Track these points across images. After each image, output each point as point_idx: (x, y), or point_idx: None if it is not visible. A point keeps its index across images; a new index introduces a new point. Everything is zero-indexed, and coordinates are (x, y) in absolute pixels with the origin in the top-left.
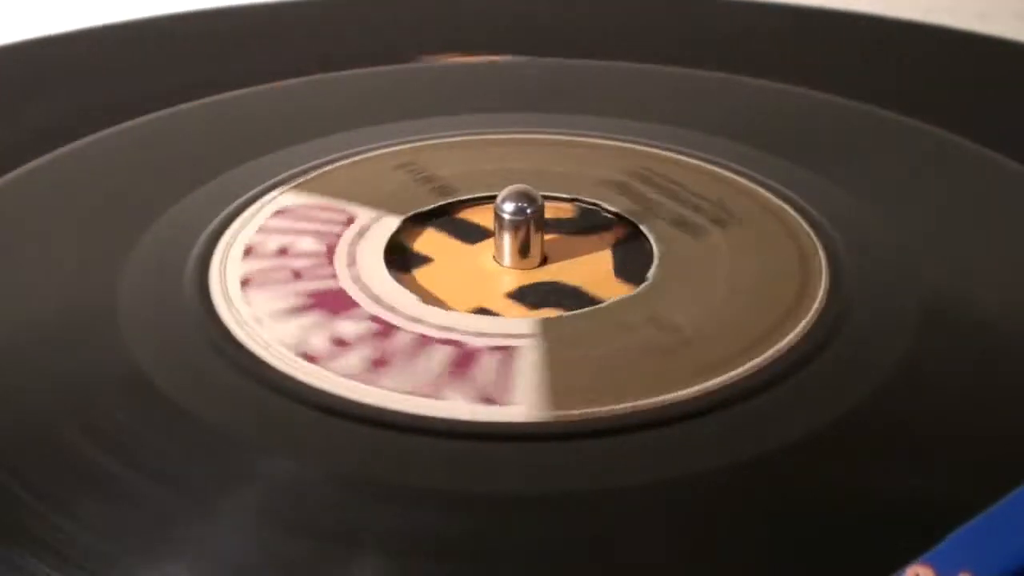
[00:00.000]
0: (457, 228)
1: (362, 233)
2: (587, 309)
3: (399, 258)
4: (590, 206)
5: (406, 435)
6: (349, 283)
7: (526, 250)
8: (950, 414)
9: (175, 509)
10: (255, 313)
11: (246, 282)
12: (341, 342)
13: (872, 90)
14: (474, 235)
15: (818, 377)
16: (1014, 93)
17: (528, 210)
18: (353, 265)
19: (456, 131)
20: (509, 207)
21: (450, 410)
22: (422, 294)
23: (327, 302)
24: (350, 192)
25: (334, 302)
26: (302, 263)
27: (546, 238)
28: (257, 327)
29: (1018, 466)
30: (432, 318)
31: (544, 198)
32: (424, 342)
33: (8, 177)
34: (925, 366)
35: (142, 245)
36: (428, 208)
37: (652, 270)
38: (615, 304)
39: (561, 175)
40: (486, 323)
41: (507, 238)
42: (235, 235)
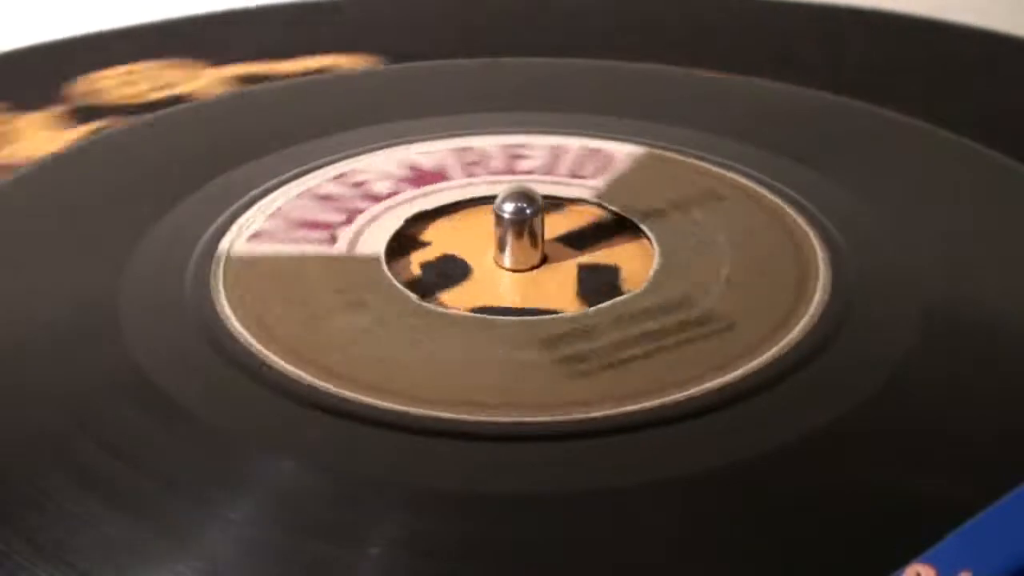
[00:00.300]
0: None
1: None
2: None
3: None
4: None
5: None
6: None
7: (526, 250)
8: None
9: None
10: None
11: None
12: None
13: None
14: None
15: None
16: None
17: (528, 210)
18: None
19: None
20: (509, 207)
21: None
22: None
23: None
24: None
25: None
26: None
27: (546, 238)
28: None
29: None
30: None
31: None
32: None
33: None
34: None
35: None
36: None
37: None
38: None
39: None
40: None
41: (507, 238)
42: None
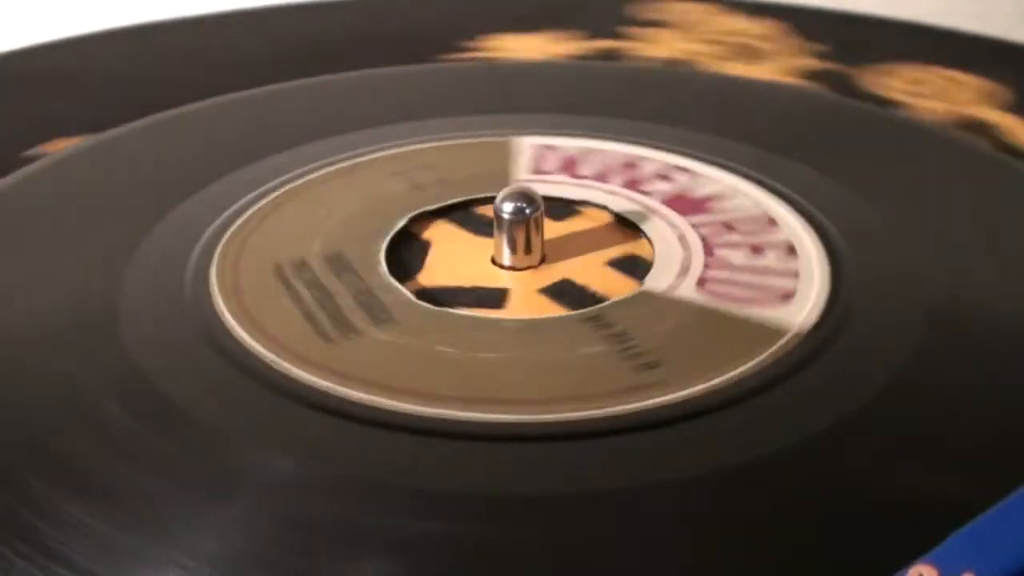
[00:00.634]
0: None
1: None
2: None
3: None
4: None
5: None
6: None
7: (526, 250)
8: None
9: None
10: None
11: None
12: None
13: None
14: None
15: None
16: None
17: (528, 210)
18: None
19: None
20: (509, 207)
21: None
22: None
23: None
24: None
25: None
26: None
27: (546, 238)
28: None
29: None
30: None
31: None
32: None
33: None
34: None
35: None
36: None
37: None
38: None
39: None
40: None
41: (507, 238)
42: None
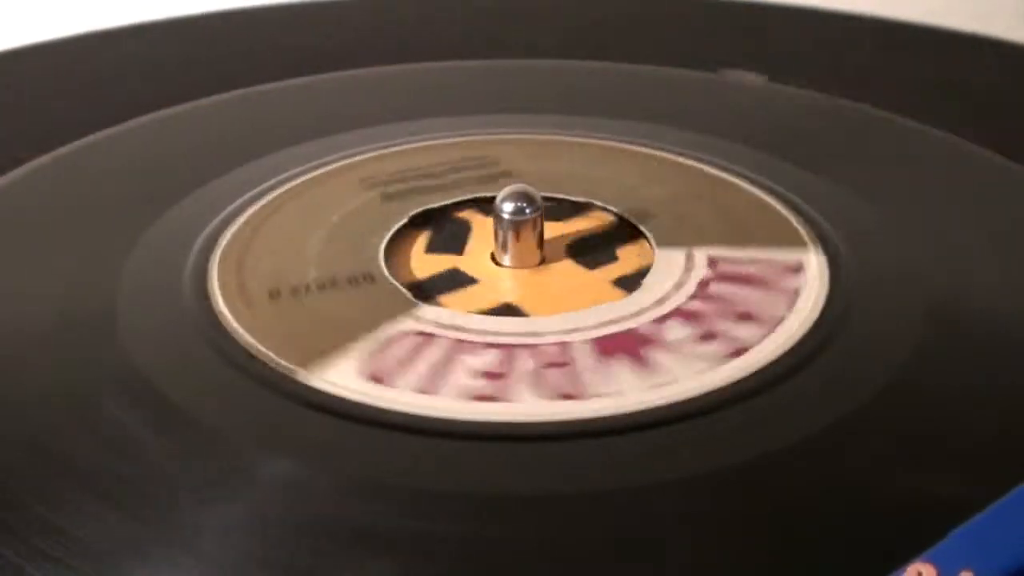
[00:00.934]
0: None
1: None
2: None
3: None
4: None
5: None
6: None
7: (526, 250)
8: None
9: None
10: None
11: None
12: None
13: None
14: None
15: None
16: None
17: (528, 210)
18: None
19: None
20: (509, 207)
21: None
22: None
23: None
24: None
25: None
26: None
27: (546, 238)
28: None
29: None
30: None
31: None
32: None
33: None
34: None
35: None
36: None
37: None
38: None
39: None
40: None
41: (507, 238)
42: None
